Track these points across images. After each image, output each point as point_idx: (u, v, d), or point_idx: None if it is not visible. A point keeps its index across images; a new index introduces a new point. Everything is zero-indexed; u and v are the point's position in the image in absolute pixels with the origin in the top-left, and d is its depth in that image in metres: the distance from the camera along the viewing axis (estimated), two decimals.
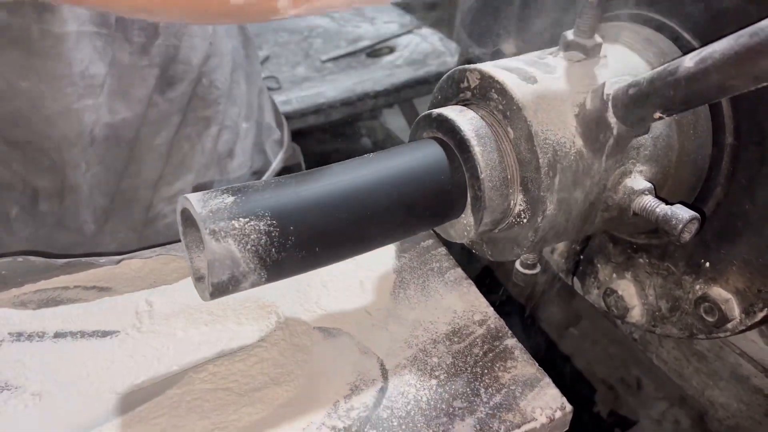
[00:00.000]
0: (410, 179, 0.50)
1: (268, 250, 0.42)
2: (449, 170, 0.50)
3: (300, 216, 0.44)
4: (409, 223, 0.51)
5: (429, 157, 0.51)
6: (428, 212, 0.51)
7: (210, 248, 0.40)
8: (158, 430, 0.48)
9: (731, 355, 0.69)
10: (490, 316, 0.60)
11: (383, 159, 0.51)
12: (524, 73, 0.50)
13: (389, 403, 0.51)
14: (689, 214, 0.47)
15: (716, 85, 0.39)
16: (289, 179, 0.47)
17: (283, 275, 0.46)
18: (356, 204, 0.47)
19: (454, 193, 0.51)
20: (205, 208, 0.42)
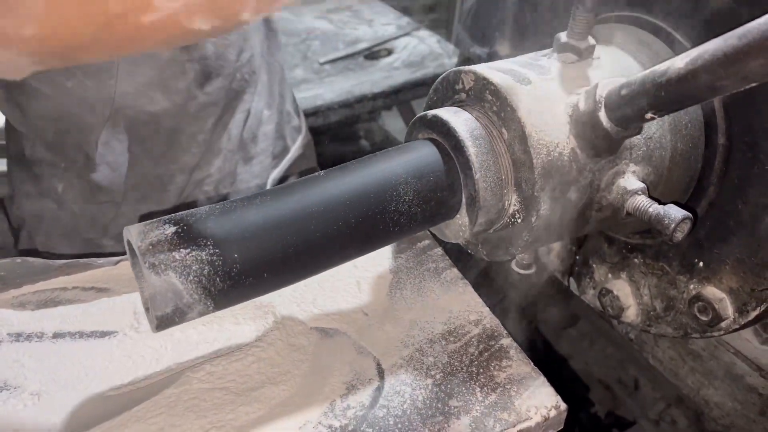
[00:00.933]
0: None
1: (212, 279, 0.42)
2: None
3: (244, 243, 0.43)
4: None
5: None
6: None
7: (150, 282, 0.40)
8: (156, 429, 0.48)
9: (726, 355, 0.69)
10: (486, 315, 0.60)
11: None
12: (518, 74, 0.51)
13: (385, 402, 0.51)
14: (681, 214, 0.48)
15: (706, 86, 0.39)
16: (236, 203, 0.45)
17: (233, 302, 0.45)
18: (309, 224, 0.45)
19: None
20: (144, 241, 0.41)
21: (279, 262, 0.45)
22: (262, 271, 0.44)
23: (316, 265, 0.48)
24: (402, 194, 0.48)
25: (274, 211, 0.45)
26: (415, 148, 0.52)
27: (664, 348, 0.78)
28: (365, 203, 0.47)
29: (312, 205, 0.46)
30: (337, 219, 0.46)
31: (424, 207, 0.51)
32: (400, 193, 0.48)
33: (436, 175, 0.51)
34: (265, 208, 0.45)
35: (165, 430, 0.48)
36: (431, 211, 0.52)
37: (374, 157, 0.52)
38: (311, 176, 0.49)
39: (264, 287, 0.46)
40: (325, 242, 0.46)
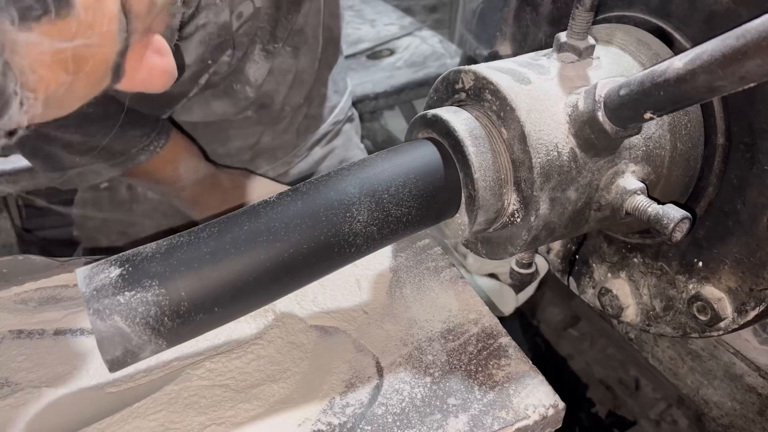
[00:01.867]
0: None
1: (160, 320, 0.41)
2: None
3: (191, 280, 0.43)
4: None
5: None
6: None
7: (96, 328, 0.40)
8: (156, 425, 0.49)
9: (725, 354, 0.69)
10: (485, 314, 0.60)
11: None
12: (518, 74, 0.51)
13: (384, 400, 0.52)
14: (680, 214, 0.48)
15: (704, 86, 0.39)
16: (182, 238, 0.45)
17: (187, 338, 0.44)
18: (258, 254, 0.44)
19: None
20: (89, 286, 0.41)
21: (229, 296, 0.44)
22: (212, 306, 0.43)
23: (270, 294, 0.47)
24: (356, 215, 0.47)
25: (220, 244, 0.44)
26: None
27: (664, 348, 0.78)
28: (317, 228, 0.46)
29: (261, 233, 0.45)
30: (287, 247, 0.45)
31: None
32: (353, 215, 0.47)
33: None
34: (212, 241, 0.44)
35: (165, 426, 0.49)
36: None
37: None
38: (261, 203, 0.47)
39: (218, 321, 0.45)
40: (277, 271, 0.45)
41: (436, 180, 0.51)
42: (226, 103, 0.96)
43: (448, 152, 0.51)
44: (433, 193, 0.51)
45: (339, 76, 1.14)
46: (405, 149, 0.52)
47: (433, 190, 0.51)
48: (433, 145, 0.52)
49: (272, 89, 0.98)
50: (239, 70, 0.92)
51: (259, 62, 0.92)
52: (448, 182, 0.51)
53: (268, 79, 0.96)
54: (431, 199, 0.51)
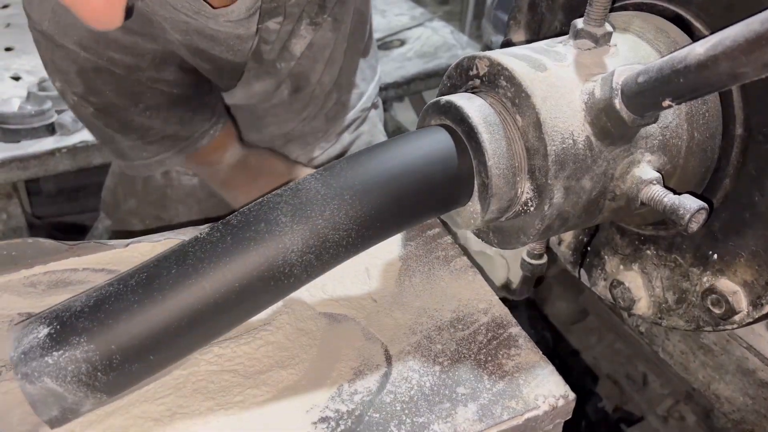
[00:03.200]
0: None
1: (93, 375, 0.41)
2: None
3: (120, 332, 0.42)
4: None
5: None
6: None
7: (26, 392, 0.39)
8: (164, 409, 0.48)
9: (738, 349, 0.68)
10: (495, 304, 0.60)
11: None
12: (534, 60, 0.50)
13: (393, 388, 0.51)
14: (697, 204, 0.47)
15: (726, 73, 0.38)
16: (111, 287, 0.44)
17: (128, 387, 0.44)
18: (189, 298, 0.43)
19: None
20: (18, 349, 0.40)
21: (163, 343, 0.43)
22: (146, 354, 0.43)
23: (208, 334, 0.46)
24: (289, 245, 0.45)
25: (148, 291, 0.43)
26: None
27: (675, 342, 0.77)
28: (247, 264, 0.44)
29: (188, 276, 0.43)
30: (218, 287, 0.44)
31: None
32: (286, 245, 0.45)
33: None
34: (140, 289, 0.43)
35: (173, 410, 0.48)
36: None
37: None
38: (190, 242, 0.46)
39: (158, 366, 0.45)
40: (210, 312, 0.44)
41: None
42: (267, 83, 0.98)
43: (462, 139, 0.51)
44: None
45: (368, 64, 1.15)
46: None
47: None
48: (446, 132, 0.51)
49: (308, 67, 0.99)
50: (285, 48, 0.93)
51: (305, 36, 0.94)
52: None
53: (306, 53, 0.96)
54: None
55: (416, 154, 0.50)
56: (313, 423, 0.48)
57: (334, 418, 0.49)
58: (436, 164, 0.50)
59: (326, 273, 0.61)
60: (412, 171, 0.50)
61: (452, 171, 0.50)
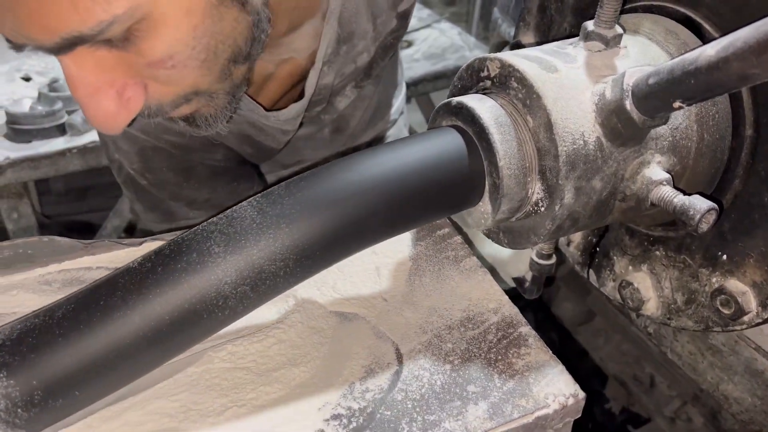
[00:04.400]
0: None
1: (13, 412, 0.40)
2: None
3: (42, 366, 0.40)
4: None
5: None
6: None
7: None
8: (178, 405, 0.49)
9: (747, 350, 0.68)
10: (505, 304, 0.60)
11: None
12: (544, 62, 0.51)
13: (404, 386, 0.52)
14: (707, 205, 0.47)
15: (737, 74, 0.39)
16: (37, 319, 0.42)
17: (53, 423, 0.43)
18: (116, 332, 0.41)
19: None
20: None
21: (90, 378, 0.42)
22: (70, 390, 0.41)
23: (136, 369, 0.45)
24: (222, 277, 0.43)
25: (74, 324, 0.42)
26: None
27: (683, 342, 0.77)
28: (178, 296, 0.43)
29: (117, 308, 0.42)
30: (147, 321, 0.42)
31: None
32: (219, 277, 0.43)
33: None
34: (66, 322, 0.42)
35: (187, 407, 0.49)
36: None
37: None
38: (121, 271, 0.44)
39: (83, 402, 0.44)
40: (138, 346, 0.43)
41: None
42: (309, 129, 1.03)
43: (473, 140, 0.51)
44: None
45: (397, 84, 1.18)
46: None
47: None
48: (457, 133, 0.52)
49: (350, 113, 1.03)
50: (330, 104, 0.96)
51: (350, 96, 0.96)
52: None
53: (349, 106, 0.99)
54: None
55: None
56: (326, 420, 0.49)
57: (346, 415, 0.49)
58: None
59: (336, 273, 0.63)
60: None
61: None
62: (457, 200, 0.52)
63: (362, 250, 0.51)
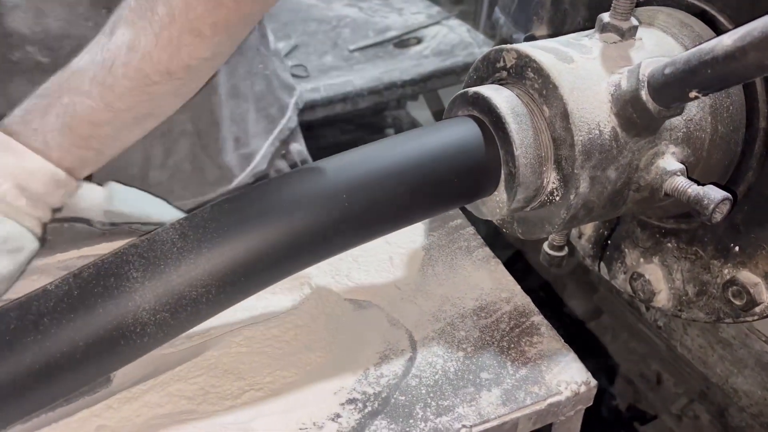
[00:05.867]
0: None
1: None
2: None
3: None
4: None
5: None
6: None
7: None
8: (197, 388, 0.50)
9: (757, 343, 0.69)
10: (517, 293, 0.61)
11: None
12: (560, 53, 0.51)
13: (418, 372, 0.52)
14: (721, 195, 0.48)
15: (754, 64, 0.39)
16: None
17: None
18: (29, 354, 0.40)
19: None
20: None
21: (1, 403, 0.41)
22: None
23: (53, 395, 0.44)
24: (140, 302, 0.42)
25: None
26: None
27: (693, 336, 0.78)
28: (97, 322, 0.42)
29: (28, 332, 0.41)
30: (59, 346, 0.41)
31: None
32: (136, 302, 0.42)
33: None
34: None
35: (205, 390, 0.50)
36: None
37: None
38: (35, 294, 0.43)
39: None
40: (56, 373, 0.42)
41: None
42: None
43: (489, 129, 0.52)
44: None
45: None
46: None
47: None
48: (473, 122, 0.52)
49: None
50: None
51: None
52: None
53: None
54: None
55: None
56: (341, 404, 0.50)
57: (361, 399, 0.50)
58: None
59: (351, 262, 0.63)
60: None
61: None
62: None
63: (312, 265, 0.48)
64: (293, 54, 1.67)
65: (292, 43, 1.70)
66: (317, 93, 1.54)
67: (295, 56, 1.67)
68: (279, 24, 1.79)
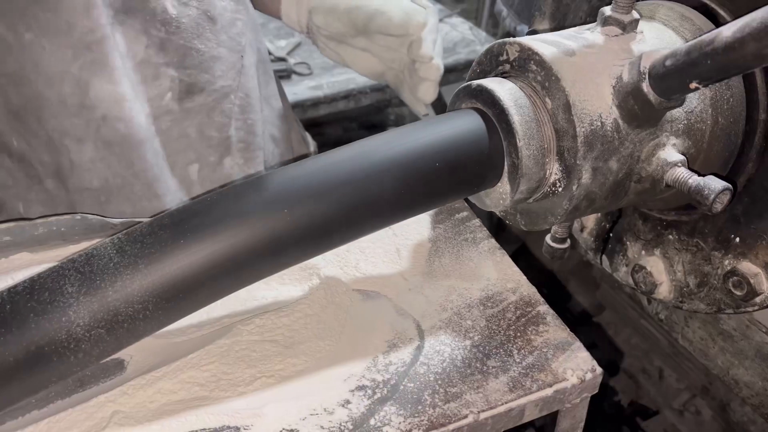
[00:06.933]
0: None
1: None
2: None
3: None
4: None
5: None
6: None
7: None
8: (209, 375, 0.51)
9: (758, 334, 0.70)
10: (523, 284, 0.62)
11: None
12: (562, 46, 0.52)
13: (426, 360, 0.54)
14: (722, 185, 0.49)
15: (753, 54, 0.40)
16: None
17: None
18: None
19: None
20: None
21: None
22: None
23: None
24: (74, 318, 0.41)
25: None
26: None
27: (695, 328, 0.79)
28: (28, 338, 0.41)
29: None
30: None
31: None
32: (70, 318, 0.41)
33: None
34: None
35: (217, 377, 0.51)
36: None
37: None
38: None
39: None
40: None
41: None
42: None
43: (492, 121, 0.53)
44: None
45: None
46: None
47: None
48: (477, 114, 0.53)
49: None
50: None
51: None
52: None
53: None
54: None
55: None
56: (351, 391, 0.51)
57: (370, 386, 0.51)
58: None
59: (358, 253, 0.64)
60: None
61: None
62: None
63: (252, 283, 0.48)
64: (296, 52, 1.69)
65: (295, 41, 1.71)
66: (320, 91, 1.55)
67: (298, 54, 1.68)
68: (282, 22, 1.80)
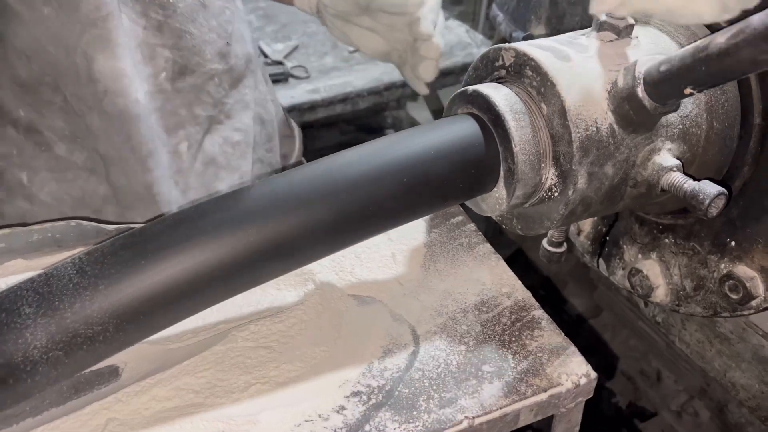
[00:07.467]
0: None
1: None
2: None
3: None
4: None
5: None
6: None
7: None
8: (204, 382, 0.51)
9: (754, 337, 0.70)
10: (518, 289, 0.62)
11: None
12: (558, 51, 0.52)
13: (421, 365, 0.53)
14: (717, 189, 0.49)
15: (747, 60, 0.40)
16: None
17: None
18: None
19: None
20: None
21: None
22: None
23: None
24: (30, 339, 0.41)
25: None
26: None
27: (692, 331, 0.79)
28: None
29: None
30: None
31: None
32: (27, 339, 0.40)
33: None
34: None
35: (213, 383, 0.51)
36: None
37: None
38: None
39: None
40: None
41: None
42: None
43: (488, 127, 0.53)
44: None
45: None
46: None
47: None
48: (473, 120, 0.53)
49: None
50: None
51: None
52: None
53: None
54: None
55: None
56: (346, 396, 0.51)
57: (365, 392, 0.51)
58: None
59: (353, 258, 0.64)
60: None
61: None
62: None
63: (219, 303, 0.47)
64: (293, 55, 1.68)
65: (293, 44, 1.71)
66: (317, 94, 1.55)
67: (295, 57, 1.68)
68: (279, 25, 1.80)
